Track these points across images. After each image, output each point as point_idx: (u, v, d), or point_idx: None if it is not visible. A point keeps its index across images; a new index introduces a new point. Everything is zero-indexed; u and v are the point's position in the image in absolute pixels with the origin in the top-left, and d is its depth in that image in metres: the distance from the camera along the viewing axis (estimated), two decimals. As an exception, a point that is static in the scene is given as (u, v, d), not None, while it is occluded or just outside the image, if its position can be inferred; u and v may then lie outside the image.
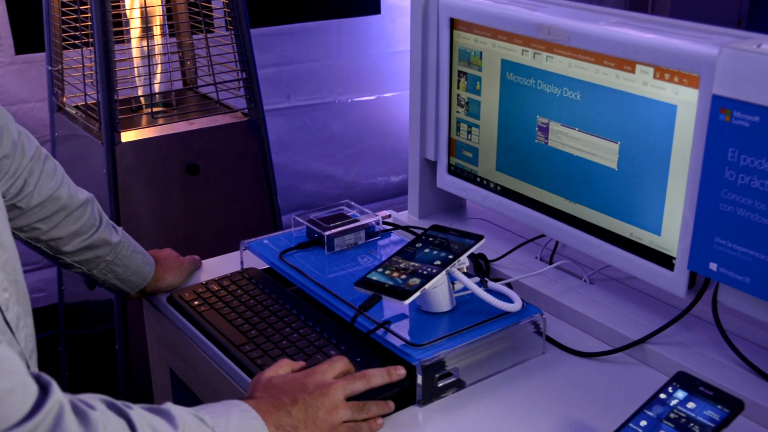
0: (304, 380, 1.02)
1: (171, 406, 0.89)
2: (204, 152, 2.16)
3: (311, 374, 1.04)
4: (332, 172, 3.26)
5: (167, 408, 0.89)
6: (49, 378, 0.77)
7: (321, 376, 1.03)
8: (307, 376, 1.03)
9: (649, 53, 1.13)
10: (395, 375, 1.08)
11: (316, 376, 1.03)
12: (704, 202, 1.08)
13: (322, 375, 1.04)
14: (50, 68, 2.26)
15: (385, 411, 1.06)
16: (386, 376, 1.07)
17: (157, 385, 1.54)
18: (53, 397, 0.75)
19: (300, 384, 1.02)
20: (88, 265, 1.30)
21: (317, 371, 1.04)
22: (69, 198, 1.25)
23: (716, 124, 1.04)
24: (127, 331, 2.10)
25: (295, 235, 1.45)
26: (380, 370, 1.07)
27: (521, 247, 1.48)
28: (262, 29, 2.92)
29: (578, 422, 1.06)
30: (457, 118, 1.51)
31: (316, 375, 1.03)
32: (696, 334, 1.20)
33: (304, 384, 1.02)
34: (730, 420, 0.90)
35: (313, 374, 1.04)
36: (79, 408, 0.78)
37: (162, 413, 0.88)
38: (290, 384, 1.02)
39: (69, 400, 0.78)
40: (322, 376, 1.03)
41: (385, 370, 1.07)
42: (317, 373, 1.04)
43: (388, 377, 1.07)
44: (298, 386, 1.01)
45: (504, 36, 1.36)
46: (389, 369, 1.08)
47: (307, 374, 1.04)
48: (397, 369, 1.08)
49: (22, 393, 0.73)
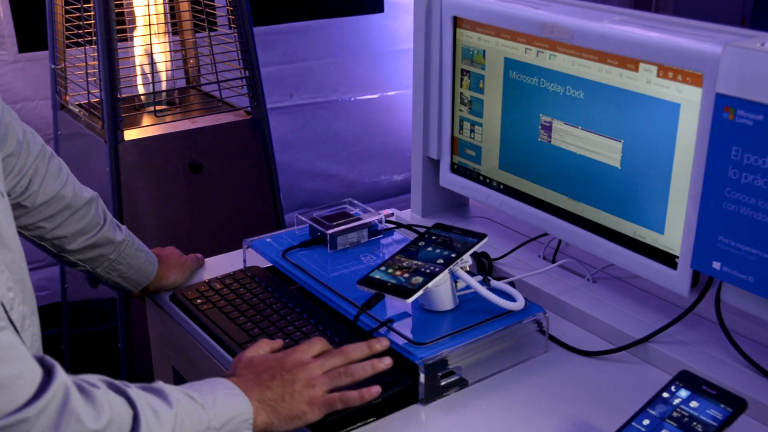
0: (284, 359, 1.05)
1: (163, 385, 0.92)
2: (207, 150, 2.16)
3: (290, 353, 1.06)
4: (335, 170, 3.26)
5: (160, 387, 0.92)
6: (52, 361, 0.79)
7: (299, 355, 1.06)
8: (286, 355, 1.06)
9: (653, 52, 1.13)
10: (377, 347, 1.08)
11: (294, 355, 1.05)
12: (707, 201, 1.08)
13: (301, 354, 1.06)
14: (53, 66, 2.27)
15: (375, 370, 1.05)
16: (366, 349, 1.08)
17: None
18: (58, 379, 0.78)
19: (279, 362, 1.04)
20: (91, 263, 1.30)
21: (296, 350, 1.07)
22: (74, 197, 1.25)
23: (720, 122, 1.04)
24: (130, 330, 2.11)
25: (297, 234, 1.45)
26: (360, 344, 1.08)
27: (524, 246, 1.48)
28: (265, 27, 2.92)
29: (581, 421, 1.06)
30: (460, 116, 1.51)
31: (295, 354, 1.06)
32: (699, 333, 1.20)
33: (282, 362, 1.04)
34: (733, 419, 0.90)
35: (292, 353, 1.06)
36: (84, 387, 0.82)
37: (156, 392, 0.91)
38: (270, 362, 1.05)
39: (73, 380, 0.81)
40: (301, 354, 1.06)
41: (365, 343, 1.08)
42: (296, 352, 1.06)
43: (369, 350, 1.08)
44: (278, 364, 1.04)
45: (507, 34, 1.36)
46: (369, 342, 1.08)
47: (287, 353, 1.06)
48: (379, 341, 1.09)
49: (27, 377, 0.75)
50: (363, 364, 1.06)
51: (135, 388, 0.88)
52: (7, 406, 0.73)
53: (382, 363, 1.06)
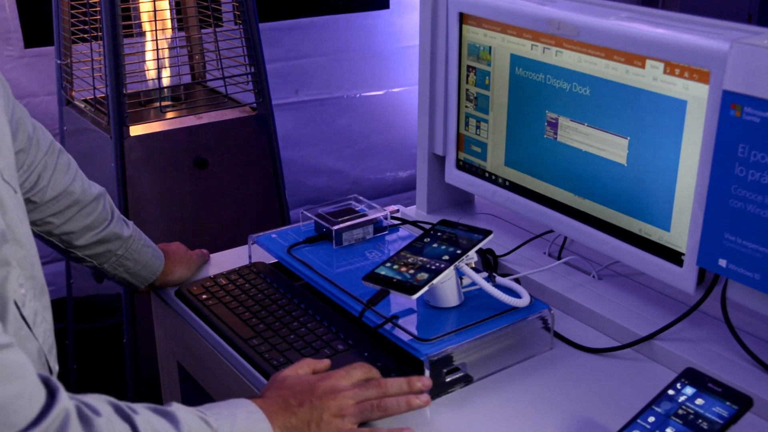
0: (316, 383, 1.00)
1: (176, 408, 0.88)
2: (212, 146, 2.16)
3: (325, 378, 1.01)
4: (340, 167, 3.26)
5: (172, 410, 0.88)
6: (56, 383, 0.76)
7: (334, 381, 1.01)
8: (320, 380, 1.01)
9: (660, 48, 1.12)
10: (418, 385, 1.03)
11: (329, 381, 1.01)
12: (714, 198, 1.08)
13: (336, 380, 1.01)
14: (59, 62, 2.27)
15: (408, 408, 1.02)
16: (405, 386, 1.03)
17: (164, 378, 1.55)
18: (60, 404, 0.74)
19: (311, 387, 1.00)
20: (99, 259, 1.30)
21: (332, 376, 1.02)
22: (82, 192, 1.25)
23: (727, 119, 1.04)
24: (135, 325, 2.11)
25: (303, 230, 1.45)
26: (400, 380, 1.03)
27: (529, 243, 1.48)
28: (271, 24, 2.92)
29: (586, 418, 1.06)
30: (465, 113, 1.51)
31: (329, 380, 1.01)
32: (705, 331, 1.20)
33: (314, 387, 1.00)
34: (738, 416, 0.90)
35: (327, 378, 1.01)
36: (84, 414, 0.77)
37: (167, 416, 0.86)
38: (301, 386, 1.00)
39: (75, 404, 0.77)
40: (336, 381, 1.01)
41: (405, 379, 1.03)
42: (331, 378, 1.01)
43: (408, 387, 1.03)
44: (309, 389, 0.99)
45: (513, 31, 1.35)
46: (411, 379, 1.03)
47: (321, 378, 1.02)
48: (421, 379, 1.04)
49: (29, 398, 0.72)
50: (398, 399, 1.01)
51: (144, 411, 0.84)
52: (4, 428, 0.69)
53: (419, 400, 1.02)
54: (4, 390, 0.69)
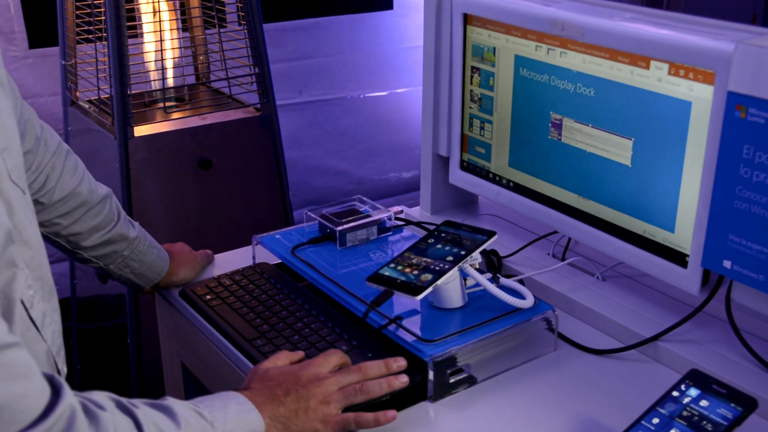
0: (299, 372, 1.03)
1: (172, 402, 0.90)
2: (216, 147, 2.16)
3: (306, 367, 1.04)
4: (344, 167, 3.26)
5: (168, 404, 0.90)
6: (61, 380, 0.77)
7: (315, 369, 1.04)
8: (301, 369, 1.04)
9: (664, 49, 1.12)
10: (395, 366, 1.07)
11: (310, 369, 1.04)
12: (718, 199, 1.08)
13: (317, 368, 1.04)
14: (64, 62, 2.27)
15: (392, 388, 1.04)
16: (383, 367, 1.06)
17: (168, 379, 1.55)
18: (65, 400, 0.75)
19: (294, 376, 1.03)
20: (105, 259, 1.30)
21: (312, 364, 1.05)
22: (89, 194, 1.25)
23: (731, 120, 1.03)
24: (139, 325, 2.11)
25: (307, 231, 1.45)
26: (377, 362, 1.06)
27: (533, 244, 1.48)
28: (275, 24, 2.92)
29: (590, 419, 1.06)
30: (469, 113, 1.51)
31: (310, 368, 1.04)
32: (709, 332, 1.20)
33: (297, 376, 1.03)
34: (743, 418, 0.90)
35: (308, 367, 1.04)
36: (89, 409, 0.79)
37: (164, 410, 0.89)
38: (285, 376, 1.03)
39: (79, 401, 0.79)
40: (317, 369, 1.04)
41: (383, 362, 1.07)
42: (312, 366, 1.04)
43: (386, 369, 1.06)
44: (293, 378, 1.02)
45: (517, 32, 1.35)
46: (388, 360, 1.07)
47: (302, 367, 1.05)
48: (396, 360, 1.07)
49: (34, 397, 0.73)
50: (379, 381, 1.04)
51: (143, 406, 0.86)
52: (10, 427, 0.70)
53: (398, 381, 1.05)
54: (9, 389, 0.70)
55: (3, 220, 0.79)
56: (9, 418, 0.70)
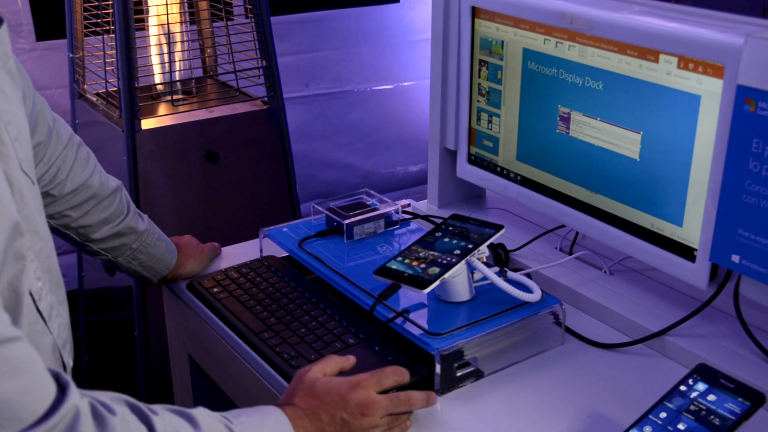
0: (347, 396, 0.98)
1: (199, 412, 0.87)
2: (223, 140, 2.16)
3: (356, 388, 0.99)
4: (351, 161, 3.26)
5: (193, 414, 0.86)
6: (67, 378, 0.74)
7: (366, 393, 0.99)
8: (350, 390, 0.98)
9: (673, 43, 1.12)
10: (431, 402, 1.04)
11: (360, 393, 0.98)
12: (727, 194, 1.07)
13: (367, 391, 0.99)
14: (71, 55, 2.27)
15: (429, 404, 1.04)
16: (425, 401, 1.03)
17: (175, 371, 1.55)
18: (70, 400, 0.72)
19: (342, 400, 0.98)
20: (114, 252, 1.30)
21: (362, 384, 0.99)
22: (100, 186, 1.25)
23: (741, 114, 1.03)
24: (146, 318, 2.12)
25: (314, 224, 1.45)
26: (422, 395, 1.03)
27: (541, 238, 1.48)
28: (282, 17, 2.92)
29: (597, 413, 1.06)
30: (477, 107, 1.50)
31: (360, 391, 0.99)
32: (717, 327, 1.20)
33: (346, 400, 0.97)
34: (751, 413, 0.90)
35: (358, 388, 0.99)
36: (98, 412, 0.76)
37: (188, 418, 0.85)
38: (332, 396, 0.98)
39: (89, 402, 0.76)
40: (368, 393, 0.99)
41: (425, 394, 1.03)
42: (362, 389, 0.99)
43: (427, 403, 1.04)
44: (340, 402, 0.97)
45: (526, 25, 1.35)
46: (430, 394, 1.04)
47: (352, 387, 0.99)
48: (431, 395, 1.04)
49: (38, 394, 0.70)
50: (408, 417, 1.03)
51: (165, 412, 0.83)
52: (12, 424, 0.67)
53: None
54: (12, 384, 0.68)
55: (11, 212, 0.78)
56: (10, 415, 0.67)
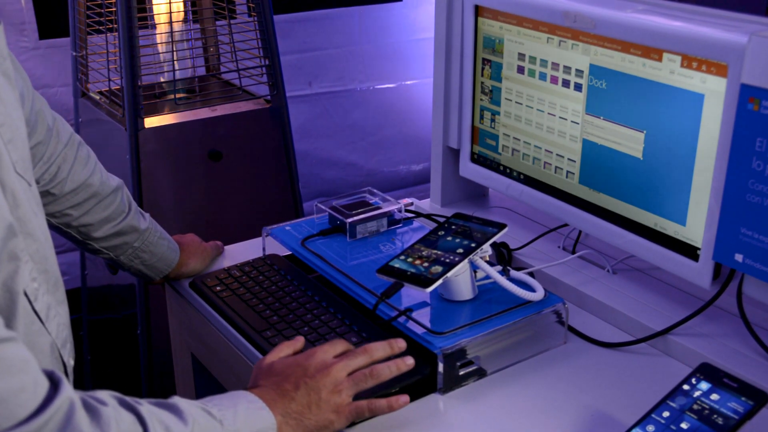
0: (305, 362, 1.01)
1: (178, 400, 0.89)
2: (226, 139, 2.16)
3: (311, 355, 1.03)
4: (354, 159, 3.26)
5: (175, 402, 0.88)
6: (60, 375, 0.76)
7: (322, 356, 1.02)
8: (307, 358, 1.02)
9: (677, 41, 1.12)
10: (396, 347, 1.05)
11: (316, 357, 1.02)
12: (731, 193, 1.07)
13: (323, 354, 1.03)
14: (74, 54, 2.27)
15: (400, 370, 1.03)
16: (387, 348, 1.05)
17: (178, 370, 1.55)
18: (63, 394, 0.75)
19: (301, 367, 1.01)
20: (115, 251, 1.30)
21: (317, 351, 1.03)
22: (101, 185, 1.25)
23: (744, 113, 1.03)
24: (149, 316, 2.12)
25: (317, 222, 1.45)
26: (381, 344, 1.05)
27: (544, 237, 1.48)
28: (285, 16, 2.92)
29: (600, 412, 1.06)
30: (480, 105, 1.50)
31: (316, 355, 1.02)
32: (720, 326, 1.19)
33: (304, 367, 1.01)
34: (754, 412, 0.90)
35: (313, 355, 1.03)
36: (90, 404, 0.78)
37: (170, 408, 0.87)
38: (291, 368, 1.01)
39: (80, 396, 0.78)
40: (323, 355, 1.03)
41: (386, 342, 1.05)
42: (317, 354, 1.03)
43: (390, 350, 1.05)
44: (300, 370, 1.01)
45: (529, 23, 1.35)
46: (390, 341, 1.05)
47: (308, 356, 1.03)
48: (397, 341, 1.06)
49: (32, 391, 0.72)
50: (388, 364, 1.03)
51: (148, 404, 0.85)
52: (6, 422, 0.70)
53: (405, 363, 1.03)
54: (5, 383, 0.70)
55: (4, 214, 0.79)
56: (4, 412, 0.69)
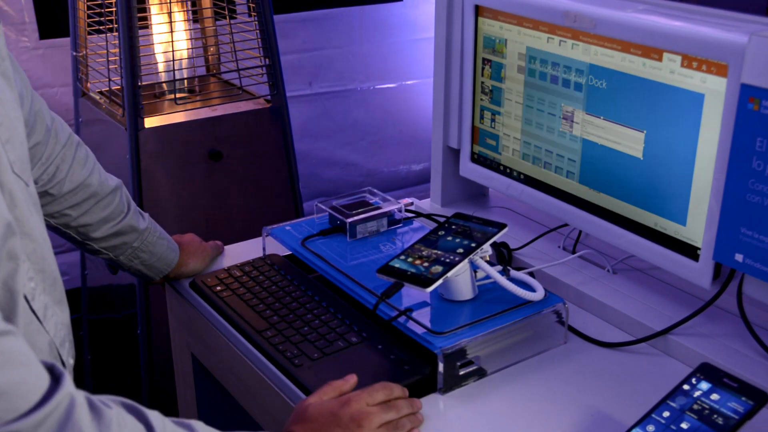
0: (339, 412, 0.99)
1: (197, 424, 0.87)
2: (227, 138, 2.16)
3: (347, 404, 1.00)
4: (354, 159, 3.26)
5: (192, 424, 0.87)
6: (62, 370, 0.76)
7: (358, 406, 1.00)
8: (342, 407, 1.00)
9: (677, 41, 1.12)
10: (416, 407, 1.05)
11: (351, 407, 1.00)
12: (731, 192, 1.07)
13: (358, 404, 1.00)
14: (75, 53, 2.27)
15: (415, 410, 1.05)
16: (412, 406, 1.05)
17: (178, 370, 1.55)
18: (64, 389, 0.74)
19: (335, 417, 0.99)
20: (115, 251, 1.30)
21: (353, 401, 1.01)
22: (99, 185, 1.25)
23: (744, 113, 1.03)
24: (150, 316, 2.12)
25: (317, 222, 1.45)
26: (408, 402, 1.04)
27: (544, 236, 1.47)
28: (285, 15, 2.92)
29: (600, 412, 1.05)
30: (480, 105, 1.50)
31: (351, 405, 1.00)
32: (720, 326, 1.19)
33: (339, 417, 0.99)
34: (754, 412, 0.90)
35: (348, 404, 1.00)
36: (94, 404, 0.77)
37: (186, 427, 0.86)
38: (325, 417, 0.99)
39: (85, 395, 0.77)
40: (360, 405, 1.00)
41: (411, 401, 1.05)
42: (352, 403, 1.00)
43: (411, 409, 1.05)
44: (333, 419, 0.99)
45: (529, 23, 1.35)
46: (411, 401, 1.05)
47: (343, 404, 1.01)
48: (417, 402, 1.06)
49: (32, 384, 0.72)
50: (411, 419, 1.03)
51: (162, 417, 0.83)
52: (7, 414, 0.69)
53: (419, 419, 1.04)
54: (5, 376, 0.70)
55: (3, 212, 0.79)
56: (5, 405, 0.69)
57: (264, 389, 1.17)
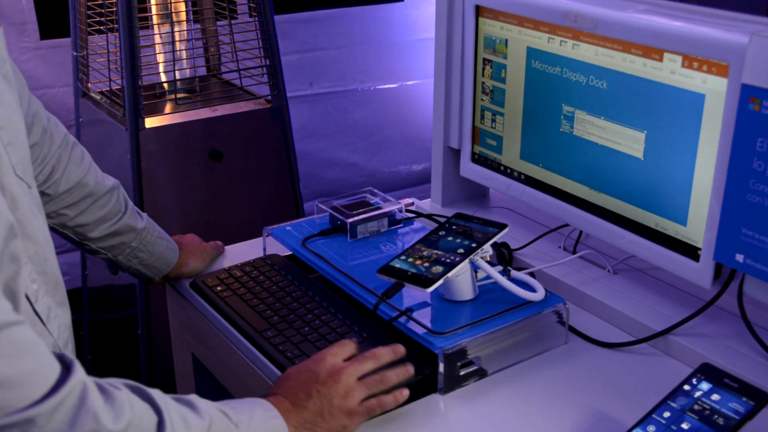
0: (315, 368, 1.02)
1: (195, 398, 0.90)
2: (227, 139, 2.17)
3: (321, 360, 1.03)
4: (354, 159, 3.26)
5: (192, 399, 0.89)
6: (72, 357, 0.78)
7: (331, 360, 1.03)
8: (317, 363, 1.02)
9: (678, 41, 1.12)
10: (398, 353, 1.06)
11: (326, 362, 1.02)
12: (731, 193, 1.07)
13: (332, 359, 1.03)
14: (75, 54, 2.28)
15: (405, 377, 1.04)
16: (392, 353, 1.06)
17: (179, 370, 1.55)
18: (76, 375, 0.76)
19: (312, 374, 1.01)
20: (113, 251, 1.30)
21: (326, 356, 1.03)
22: (96, 184, 1.26)
23: (745, 113, 1.03)
24: (150, 316, 2.12)
25: (317, 222, 1.45)
26: (386, 349, 1.06)
27: (544, 237, 1.47)
28: (286, 16, 2.92)
29: (601, 412, 1.05)
30: (481, 106, 1.50)
31: (326, 360, 1.02)
32: (721, 326, 1.19)
33: (315, 372, 1.01)
34: (755, 412, 0.90)
35: (323, 360, 1.03)
36: (104, 387, 0.80)
37: (187, 403, 0.88)
38: (303, 375, 1.02)
39: (93, 380, 0.79)
40: (333, 359, 1.03)
41: (389, 347, 1.06)
42: (327, 358, 1.03)
43: (394, 355, 1.06)
44: (311, 376, 1.01)
45: (530, 23, 1.35)
46: (392, 347, 1.06)
47: (317, 360, 1.03)
48: (397, 347, 1.07)
49: (44, 373, 0.74)
50: (395, 371, 1.04)
51: (162, 394, 0.86)
52: (21, 402, 0.71)
53: (407, 371, 1.05)
54: (17, 365, 0.71)
55: (5, 214, 0.79)
56: (18, 393, 0.71)
57: (264, 389, 1.17)
